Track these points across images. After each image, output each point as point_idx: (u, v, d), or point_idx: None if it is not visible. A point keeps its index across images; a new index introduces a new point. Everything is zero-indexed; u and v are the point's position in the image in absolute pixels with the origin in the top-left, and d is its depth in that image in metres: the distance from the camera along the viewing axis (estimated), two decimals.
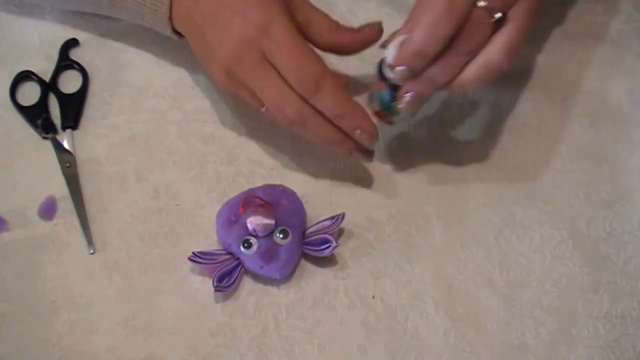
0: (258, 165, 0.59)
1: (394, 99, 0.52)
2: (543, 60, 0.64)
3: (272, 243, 0.53)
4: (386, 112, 0.54)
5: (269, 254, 0.52)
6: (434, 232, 0.56)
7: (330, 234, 0.53)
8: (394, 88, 0.51)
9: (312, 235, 0.54)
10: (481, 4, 0.47)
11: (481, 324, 0.53)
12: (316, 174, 0.59)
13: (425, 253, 0.56)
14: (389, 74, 0.50)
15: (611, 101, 0.62)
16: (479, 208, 0.57)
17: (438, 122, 0.61)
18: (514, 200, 0.58)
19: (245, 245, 0.53)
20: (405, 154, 0.60)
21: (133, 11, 0.58)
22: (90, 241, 0.56)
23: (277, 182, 0.58)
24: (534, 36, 0.65)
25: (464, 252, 0.56)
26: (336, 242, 0.53)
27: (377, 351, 0.52)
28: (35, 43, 0.64)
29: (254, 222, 0.52)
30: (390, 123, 0.55)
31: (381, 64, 0.52)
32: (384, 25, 0.65)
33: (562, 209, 0.57)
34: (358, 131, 0.52)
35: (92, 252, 0.55)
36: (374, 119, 0.54)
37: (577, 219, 0.57)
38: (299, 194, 0.56)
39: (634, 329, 0.52)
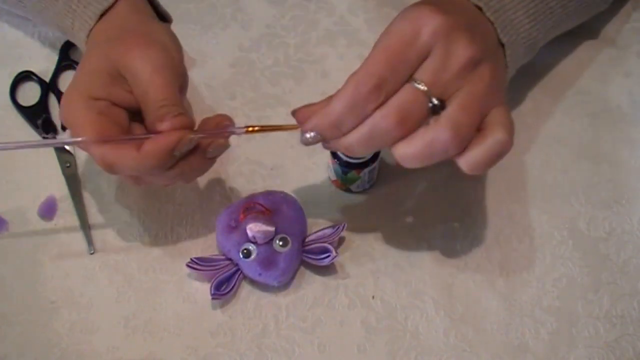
0: (258, 165, 0.59)
1: (346, 172, 0.55)
2: (543, 60, 0.64)
3: (271, 250, 0.53)
4: (342, 182, 0.57)
5: (268, 261, 0.52)
6: (434, 232, 0.56)
7: (330, 243, 0.53)
8: (346, 164, 0.54)
9: (312, 244, 0.54)
10: (418, 85, 0.43)
11: (481, 324, 0.53)
12: (316, 174, 0.59)
13: (425, 253, 0.56)
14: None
15: (611, 101, 0.62)
16: (479, 208, 0.57)
17: None
18: (514, 200, 0.58)
19: (245, 252, 0.52)
20: None
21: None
22: (90, 241, 0.56)
23: (278, 182, 0.58)
24: None
25: (463, 252, 0.56)
26: (336, 252, 0.52)
27: (377, 351, 0.52)
28: (35, 43, 0.64)
29: (254, 228, 0.52)
30: (348, 191, 0.58)
31: None
32: (383, 26, 0.65)
33: (562, 209, 0.57)
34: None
35: (92, 252, 0.55)
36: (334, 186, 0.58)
37: (577, 219, 0.57)
38: (298, 194, 0.56)
39: (634, 329, 0.52)
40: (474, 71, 0.44)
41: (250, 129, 0.48)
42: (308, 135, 0.46)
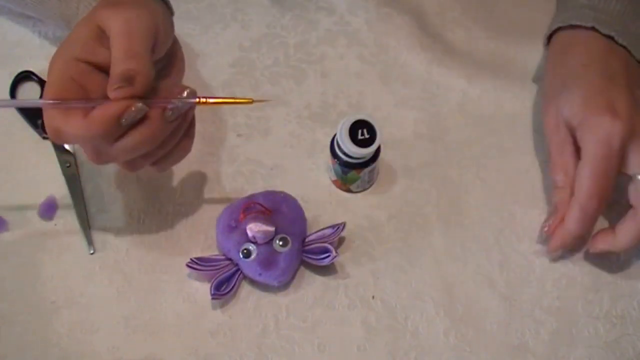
0: (258, 165, 0.59)
1: (346, 172, 0.55)
2: (543, 60, 0.64)
3: (271, 250, 0.52)
4: (342, 182, 0.57)
5: (268, 261, 0.52)
6: (434, 232, 0.56)
7: (330, 243, 0.53)
8: (346, 164, 0.54)
9: (312, 244, 0.54)
10: None
11: (481, 324, 0.53)
12: (316, 174, 0.59)
13: (425, 253, 0.56)
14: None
15: None
16: (479, 208, 0.57)
17: (437, 122, 0.61)
18: (514, 200, 0.58)
19: (245, 252, 0.52)
20: (405, 154, 0.60)
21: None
22: (90, 241, 0.55)
23: (277, 182, 0.58)
24: (535, 36, 0.65)
25: (464, 252, 0.56)
26: (336, 252, 0.52)
27: (377, 351, 0.52)
28: (35, 43, 0.64)
29: (254, 228, 0.52)
30: (348, 191, 0.58)
31: (332, 142, 0.55)
32: (383, 26, 0.65)
33: None
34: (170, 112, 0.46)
35: (92, 252, 0.55)
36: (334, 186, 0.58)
37: None
38: (298, 194, 0.56)
39: (634, 329, 0.52)
40: None
41: (203, 100, 0.48)
42: (556, 252, 0.55)
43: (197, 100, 0.47)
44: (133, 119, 0.44)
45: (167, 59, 0.51)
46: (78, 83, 0.46)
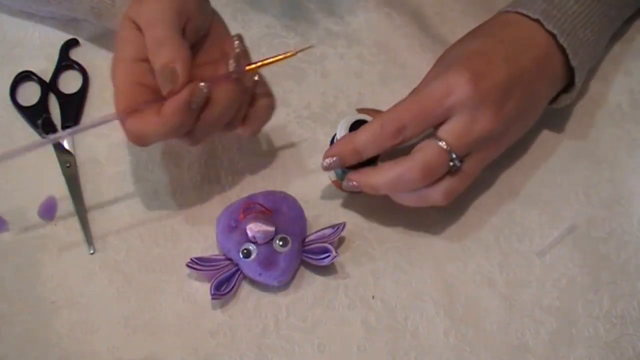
0: (258, 165, 0.59)
1: (346, 173, 0.54)
2: None
3: (271, 250, 0.52)
4: (342, 182, 0.56)
5: (268, 261, 0.52)
6: (434, 232, 0.56)
7: (330, 243, 0.53)
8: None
9: (312, 244, 0.54)
10: (441, 144, 0.49)
11: (481, 324, 0.53)
12: (316, 174, 0.59)
13: (425, 253, 0.56)
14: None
15: (612, 100, 0.62)
16: (479, 208, 0.57)
17: None
18: (514, 200, 0.58)
19: (245, 252, 0.52)
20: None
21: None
22: (90, 241, 0.56)
23: (277, 182, 0.58)
24: None
25: (464, 252, 0.56)
26: (336, 252, 0.52)
27: (377, 351, 0.52)
28: (35, 43, 0.64)
29: (254, 228, 0.52)
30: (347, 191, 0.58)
31: (332, 142, 0.55)
32: (383, 26, 0.65)
33: (562, 209, 0.57)
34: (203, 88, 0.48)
35: (92, 252, 0.55)
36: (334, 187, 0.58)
37: (577, 219, 0.57)
38: (298, 194, 0.56)
39: (634, 329, 0.52)
40: (492, 139, 0.50)
41: (253, 65, 0.49)
42: (330, 160, 0.52)
43: (247, 67, 0.49)
44: (201, 100, 0.46)
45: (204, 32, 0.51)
46: (142, 84, 0.47)
